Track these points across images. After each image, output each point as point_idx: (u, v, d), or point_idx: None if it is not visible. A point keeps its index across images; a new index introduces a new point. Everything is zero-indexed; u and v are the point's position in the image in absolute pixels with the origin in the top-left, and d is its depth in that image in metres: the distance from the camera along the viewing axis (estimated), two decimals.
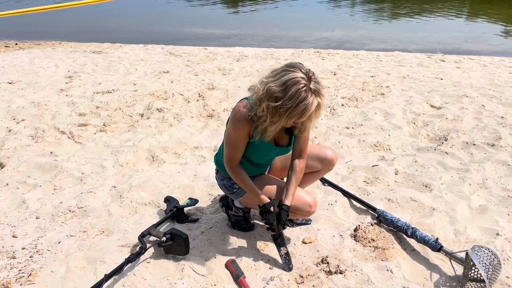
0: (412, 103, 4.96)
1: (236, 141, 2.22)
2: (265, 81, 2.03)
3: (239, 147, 2.25)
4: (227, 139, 2.26)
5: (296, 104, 1.94)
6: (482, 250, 2.14)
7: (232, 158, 2.28)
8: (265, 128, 2.08)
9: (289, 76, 1.95)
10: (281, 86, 1.95)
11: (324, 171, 2.64)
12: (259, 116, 2.06)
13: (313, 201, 2.39)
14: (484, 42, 9.44)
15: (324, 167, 2.59)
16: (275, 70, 2.05)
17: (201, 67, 6.84)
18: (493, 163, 3.48)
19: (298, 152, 2.40)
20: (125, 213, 2.88)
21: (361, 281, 2.21)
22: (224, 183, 2.50)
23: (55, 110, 4.83)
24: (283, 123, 2.04)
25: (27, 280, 2.23)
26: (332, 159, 2.57)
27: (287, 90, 1.94)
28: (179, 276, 2.26)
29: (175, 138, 4.11)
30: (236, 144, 2.23)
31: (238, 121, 2.15)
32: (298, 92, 1.93)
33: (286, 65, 2.04)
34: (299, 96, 1.93)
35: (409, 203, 2.92)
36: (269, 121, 2.03)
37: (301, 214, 2.43)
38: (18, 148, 3.87)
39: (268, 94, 1.98)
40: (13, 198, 3.06)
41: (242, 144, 2.24)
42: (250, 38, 10.25)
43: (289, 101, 1.94)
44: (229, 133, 2.23)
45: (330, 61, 7.27)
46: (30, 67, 6.97)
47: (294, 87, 1.93)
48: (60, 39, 9.74)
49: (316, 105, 1.98)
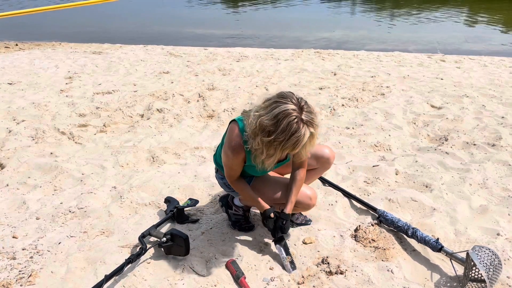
0: (412, 103, 4.96)
1: (233, 166, 2.31)
2: (257, 114, 2.02)
3: (237, 169, 2.34)
4: (224, 163, 2.33)
5: (289, 137, 1.92)
6: (483, 250, 2.13)
7: (231, 175, 2.37)
8: (263, 161, 2.10)
9: (280, 108, 1.93)
10: (272, 120, 1.94)
11: (322, 169, 2.65)
12: (255, 149, 2.07)
13: (313, 194, 2.46)
14: (484, 42, 9.44)
15: (321, 165, 2.61)
16: (268, 101, 2.04)
17: (201, 68, 6.84)
18: (494, 163, 3.47)
19: (298, 164, 2.44)
20: (125, 214, 2.88)
21: (361, 282, 2.21)
22: (224, 182, 2.53)
23: (55, 110, 4.83)
24: (279, 155, 2.05)
25: (27, 281, 2.23)
26: (329, 157, 2.59)
27: (279, 124, 1.92)
28: (179, 276, 2.26)
29: (175, 138, 4.11)
30: (233, 167, 2.32)
31: (233, 151, 2.21)
32: (289, 124, 1.91)
33: (278, 96, 2.02)
34: (290, 128, 1.91)
35: (410, 203, 2.92)
36: (266, 154, 2.04)
37: (302, 207, 2.48)
38: (18, 148, 3.87)
39: (261, 128, 1.97)
40: (13, 198, 3.06)
41: (239, 167, 2.33)
42: (250, 39, 10.25)
43: (281, 134, 1.93)
44: (225, 160, 2.31)
45: (330, 61, 7.27)
46: (30, 67, 6.97)
47: (285, 120, 1.91)
48: (60, 40, 9.75)
49: (308, 135, 1.97)
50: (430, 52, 8.24)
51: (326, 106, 4.91)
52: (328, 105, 4.93)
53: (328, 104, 4.96)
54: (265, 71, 6.61)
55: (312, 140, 2.02)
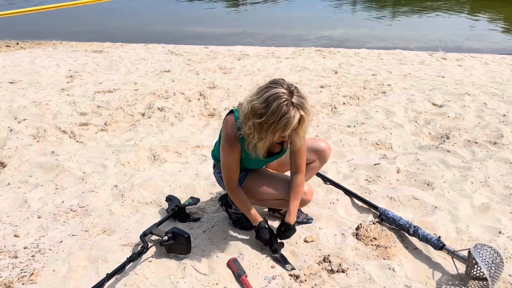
0: (413, 101, 4.95)
1: (231, 164, 2.31)
2: (249, 99, 2.10)
3: (235, 169, 2.34)
4: (222, 163, 2.33)
5: (279, 118, 1.99)
6: (485, 248, 2.13)
7: (230, 180, 2.37)
8: (255, 145, 2.15)
9: (270, 92, 2.01)
10: (263, 103, 2.02)
11: (319, 162, 2.65)
12: (247, 134, 2.12)
13: (308, 189, 2.47)
14: (485, 39, 9.42)
15: (317, 158, 2.62)
16: (259, 88, 2.12)
17: (202, 66, 6.84)
18: (495, 161, 3.47)
19: (295, 168, 2.45)
20: (127, 212, 2.88)
21: (363, 280, 2.21)
22: (221, 176, 2.54)
23: (56, 109, 4.83)
24: (270, 139, 2.09)
25: (29, 279, 2.23)
26: (325, 149, 2.61)
27: (269, 106, 2.00)
28: (181, 275, 2.26)
29: (176, 137, 4.11)
30: (231, 167, 2.32)
31: (229, 144, 2.23)
32: (279, 106, 1.98)
33: (269, 82, 2.10)
34: (280, 110, 1.98)
35: (411, 201, 2.91)
36: (257, 138, 2.09)
37: None
38: (20, 147, 3.87)
39: (253, 111, 2.05)
40: (15, 197, 3.07)
41: (237, 165, 2.33)
42: (251, 37, 10.23)
43: (271, 116, 2.00)
44: (222, 158, 2.31)
45: (331, 60, 7.26)
46: (31, 66, 6.98)
47: (275, 102, 1.99)
48: (61, 39, 9.74)
49: (298, 117, 2.02)
50: (431, 50, 8.23)
51: (327, 104, 4.90)
52: (329, 103, 4.93)
53: (329, 102, 4.96)
54: (266, 69, 6.60)
55: (304, 124, 2.08)
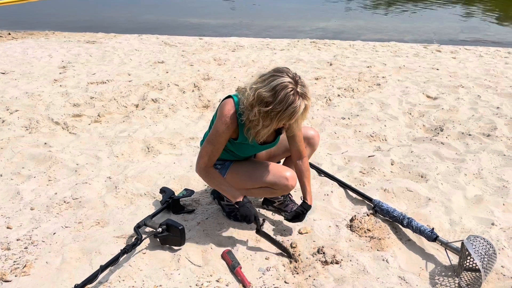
0: (408, 94, 4.95)
1: (218, 142, 2.28)
2: (254, 87, 2.11)
3: (219, 148, 2.31)
4: (212, 136, 2.29)
5: (286, 107, 2.04)
6: (478, 240, 2.15)
7: (209, 158, 2.31)
8: (258, 132, 2.17)
9: (277, 81, 2.04)
10: (270, 91, 2.04)
11: (309, 150, 2.64)
12: (251, 120, 2.14)
13: (291, 175, 2.41)
14: (480, 32, 9.43)
15: (307, 145, 2.61)
16: (263, 75, 2.14)
17: (197, 57, 6.79)
18: (489, 153, 3.48)
19: (297, 153, 2.48)
20: (121, 204, 2.86)
21: (357, 271, 2.22)
22: None
23: (49, 100, 4.79)
24: (274, 126, 2.14)
25: (22, 271, 2.22)
26: (314, 137, 2.63)
27: (277, 95, 2.03)
28: (175, 266, 2.26)
29: (170, 129, 4.09)
30: (217, 144, 2.28)
31: (225, 122, 2.22)
32: (287, 96, 2.03)
33: (274, 70, 2.12)
34: (288, 99, 2.03)
35: (405, 193, 2.92)
36: (262, 125, 2.12)
37: (280, 188, 2.42)
38: (12, 139, 3.84)
39: (259, 99, 2.07)
40: (7, 189, 3.04)
41: (223, 145, 2.31)
42: (246, 28, 10.18)
43: (279, 105, 2.04)
44: (217, 130, 2.26)
45: (326, 52, 7.24)
46: (23, 57, 6.89)
47: (283, 91, 2.02)
48: (53, 29, 9.62)
49: (303, 107, 2.08)
50: (426, 42, 8.23)
51: (322, 96, 4.89)
52: (324, 95, 4.92)
53: (324, 94, 4.95)
54: (260, 61, 6.57)
55: (305, 112, 2.13)
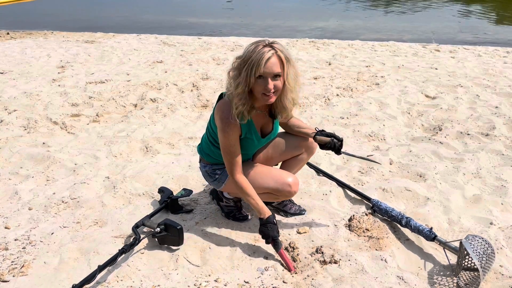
0: (406, 93, 4.95)
1: (231, 146, 2.24)
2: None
3: (236, 151, 2.27)
4: (222, 148, 2.27)
5: (254, 55, 2.05)
6: (476, 239, 2.15)
7: (233, 165, 2.28)
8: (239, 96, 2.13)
9: (249, 44, 2.13)
10: (242, 55, 2.13)
11: (306, 154, 2.61)
12: (231, 91, 2.17)
13: (293, 181, 2.39)
14: (478, 32, 9.43)
15: (305, 149, 2.58)
16: None
17: (195, 57, 6.78)
18: (487, 153, 3.48)
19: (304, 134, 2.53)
20: (119, 204, 2.86)
21: (355, 271, 2.21)
22: (206, 170, 2.51)
23: (47, 100, 4.78)
24: (247, 82, 2.09)
25: (20, 271, 2.22)
26: (312, 140, 2.56)
27: (246, 51, 2.11)
28: (173, 266, 2.26)
29: (169, 128, 4.09)
30: (231, 148, 2.25)
31: (227, 123, 2.20)
32: (255, 48, 2.08)
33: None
34: (255, 49, 2.07)
35: (404, 193, 2.92)
36: (238, 83, 2.12)
37: (283, 195, 2.41)
38: (10, 138, 3.83)
39: (232, 65, 2.17)
40: (5, 189, 3.03)
41: (238, 146, 2.27)
42: (245, 28, 10.17)
43: (246, 56, 2.09)
44: (222, 142, 2.25)
45: (325, 51, 7.24)
46: (21, 57, 6.88)
47: (251, 46, 2.10)
48: (52, 29, 9.60)
49: (272, 52, 2.05)
50: (425, 42, 8.22)
51: (321, 96, 4.89)
52: (322, 95, 4.92)
53: (323, 94, 4.95)
54: None
55: (286, 70, 2.10)
